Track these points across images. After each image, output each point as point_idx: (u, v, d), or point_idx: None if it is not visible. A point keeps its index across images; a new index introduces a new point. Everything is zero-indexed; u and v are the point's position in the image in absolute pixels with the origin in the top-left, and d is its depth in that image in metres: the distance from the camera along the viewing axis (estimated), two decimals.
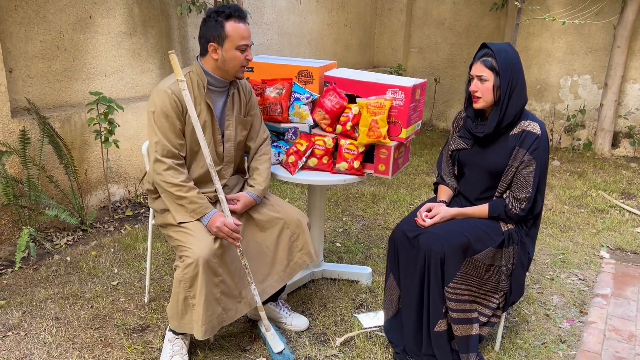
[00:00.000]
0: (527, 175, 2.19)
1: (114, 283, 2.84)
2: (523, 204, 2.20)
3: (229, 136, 2.30)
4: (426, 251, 2.14)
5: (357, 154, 2.53)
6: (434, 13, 6.78)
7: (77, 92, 3.56)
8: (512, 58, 2.18)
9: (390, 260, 2.33)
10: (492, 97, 2.20)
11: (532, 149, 2.17)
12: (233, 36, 2.10)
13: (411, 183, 4.71)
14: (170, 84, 2.15)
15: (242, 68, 2.20)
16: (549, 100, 6.21)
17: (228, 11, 2.10)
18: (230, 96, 2.29)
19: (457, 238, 2.14)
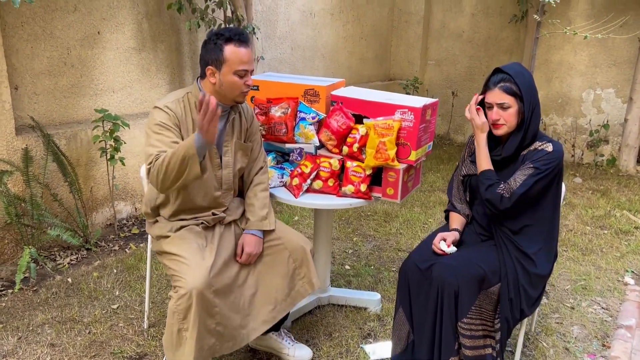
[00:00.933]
0: (518, 176, 2.06)
1: (114, 307, 2.76)
2: (506, 194, 2.05)
3: (227, 162, 2.21)
4: (439, 283, 2.01)
5: (364, 176, 2.41)
6: (451, 25, 6.65)
7: (84, 108, 3.52)
8: (529, 79, 2.07)
9: (400, 293, 2.21)
10: (516, 122, 2.08)
11: (537, 161, 2.06)
12: (232, 60, 2.02)
13: (426, 201, 4.57)
14: (167, 101, 2.08)
15: (242, 94, 2.10)
16: (570, 114, 6.01)
17: (228, 34, 2.02)
18: (230, 121, 2.20)
19: (472, 270, 2.01)
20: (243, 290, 2.12)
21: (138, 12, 3.73)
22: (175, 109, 2.06)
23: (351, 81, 6.25)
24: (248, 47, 2.06)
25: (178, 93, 2.14)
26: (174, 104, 2.07)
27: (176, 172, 1.90)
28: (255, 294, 2.16)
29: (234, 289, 2.09)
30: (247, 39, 2.06)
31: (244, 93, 2.11)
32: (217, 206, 2.21)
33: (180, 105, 2.09)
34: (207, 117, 1.82)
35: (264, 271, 2.19)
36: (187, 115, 2.09)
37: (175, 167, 1.88)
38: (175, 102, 2.08)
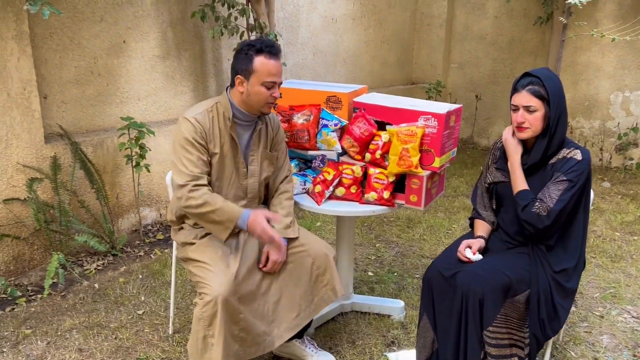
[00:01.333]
0: (554, 190, 2.01)
1: (140, 312, 2.80)
2: (543, 213, 2.00)
3: (253, 171, 2.23)
4: (464, 291, 1.99)
5: (387, 183, 2.40)
6: (474, 28, 6.58)
7: (111, 116, 3.58)
8: (558, 84, 2.04)
9: (424, 300, 2.19)
10: (542, 127, 2.05)
11: (568, 171, 2.01)
12: (260, 71, 2.04)
13: (449, 206, 4.52)
14: (195, 113, 2.10)
15: (268, 105, 2.12)
16: (598, 117, 5.89)
17: (260, 45, 2.04)
18: (257, 131, 2.22)
19: (498, 277, 1.97)
20: (267, 297, 2.13)
21: (162, 20, 3.78)
22: (203, 121, 2.08)
23: (373, 85, 6.23)
24: (278, 59, 2.08)
25: (207, 103, 2.16)
26: (201, 116, 2.09)
27: (205, 222, 2.07)
28: (279, 300, 2.16)
29: (258, 296, 2.10)
30: (277, 52, 2.07)
31: (269, 104, 2.12)
32: None
33: (209, 117, 2.11)
34: (270, 245, 2.06)
35: (287, 278, 2.19)
36: (214, 127, 2.11)
37: (208, 220, 2.04)
38: (203, 113, 2.10)
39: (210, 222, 2.06)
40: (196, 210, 2.03)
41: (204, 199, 2.02)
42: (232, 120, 2.13)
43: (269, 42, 2.06)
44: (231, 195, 2.19)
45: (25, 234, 3.08)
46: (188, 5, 3.92)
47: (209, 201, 2.02)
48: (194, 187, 2.03)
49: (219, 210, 2.02)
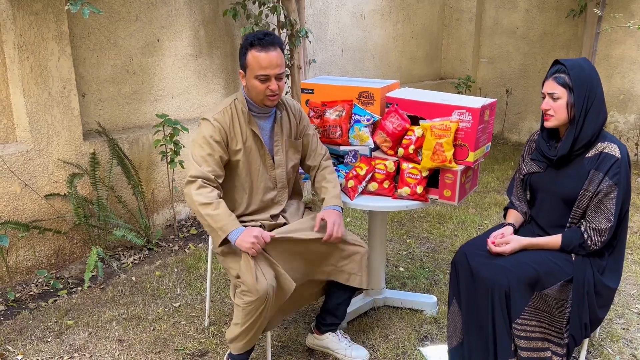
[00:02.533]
0: (609, 203, 1.98)
1: (176, 305, 2.86)
2: (605, 235, 2.00)
3: (279, 162, 2.27)
4: (490, 285, 1.99)
5: (420, 178, 2.40)
6: (504, 22, 6.49)
7: (145, 114, 3.66)
8: (587, 74, 2.00)
9: (452, 284, 2.19)
10: (566, 116, 2.03)
11: (612, 173, 1.97)
12: (252, 65, 2.07)
13: (480, 202, 4.48)
14: (214, 113, 2.14)
15: (268, 97, 2.12)
16: (633, 111, 5.75)
17: (252, 39, 2.06)
18: (277, 120, 2.25)
19: (525, 271, 1.97)
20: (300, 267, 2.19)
21: (195, 19, 3.85)
22: (222, 120, 2.12)
23: (402, 81, 6.21)
24: (271, 50, 2.05)
25: (226, 101, 2.20)
26: (221, 115, 2.13)
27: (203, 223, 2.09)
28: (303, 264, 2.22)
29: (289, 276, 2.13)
30: (269, 43, 2.05)
31: (269, 97, 2.12)
32: (273, 206, 2.26)
33: (228, 114, 2.15)
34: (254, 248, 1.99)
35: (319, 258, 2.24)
36: (234, 123, 2.15)
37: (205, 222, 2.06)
38: (222, 112, 2.14)
39: (206, 225, 2.08)
40: (198, 208, 2.03)
41: (210, 199, 2.03)
42: (249, 114, 2.17)
43: (259, 35, 2.06)
44: (262, 187, 2.23)
45: (65, 228, 3.18)
46: (220, 4, 3.98)
47: (213, 203, 2.03)
48: (203, 184, 2.06)
49: (217, 216, 2.02)
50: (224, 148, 2.13)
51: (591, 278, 2.01)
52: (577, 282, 1.99)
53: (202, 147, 2.10)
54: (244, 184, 2.20)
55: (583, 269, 2.01)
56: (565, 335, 2.04)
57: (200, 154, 2.10)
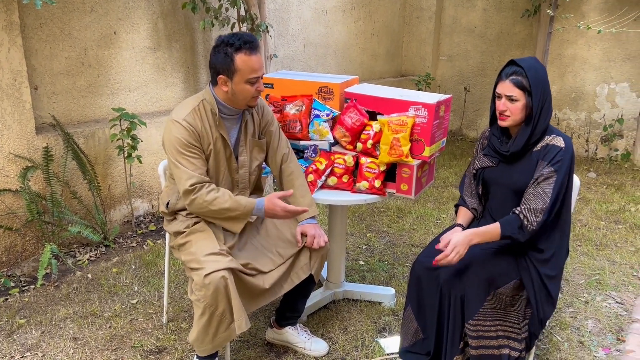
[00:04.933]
0: (546, 187, 2.05)
1: (133, 302, 2.82)
2: (539, 216, 2.04)
3: (243, 162, 2.26)
4: (445, 289, 2.05)
5: (378, 172, 2.44)
6: (463, 21, 6.63)
7: (102, 107, 3.58)
8: (542, 75, 2.07)
9: (410, 291, 2.24)
10: (522, 116, 2.09)
11: (554, 161, 2.05)
12: (243, 70, 2.03)
13: (439, 196, 4.58)
14: (184, 114, 2.09)
15: (254, 98, 2.13)
16: (584, 109, 5.98)
17: (238, 43, 2.01)
18: (244, 122, 2.24)
19: (479, 273, 2.03)
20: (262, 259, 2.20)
21: (153, 12, 3.78)
22: (193, 123, 2.09)
23: (363, 78, 6.27)
24: (258, 53, 2.06)
25: (192, 101, 2.15)
26: (191, 117, 2.09)
27: (220, 220, 2.11)
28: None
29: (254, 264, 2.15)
30: (257, 46, 2.05)
31: (255, 98, 2.13)
32: None
33: (198, 115, 2.11)
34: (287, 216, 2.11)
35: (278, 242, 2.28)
36: (204, 125, 2.12)
37: (223, 217, 2.08)
38: (192, 113, 2.10)
39: (225, 219, 2.09)
40: (209, 208, 2.06)
41: (213, 196, 2.05)
42: (219, 117, 2.14)
43: (247, 38, 2.03)
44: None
45: (17, 225, 3.09)
46: None
47: (219, 197, 2.05)
48: (202, 188, 2.05)
49: (232, 206, 2.06)
50: (200, 147, 2.11)
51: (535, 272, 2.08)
52: (526, 281, 2.07)
53: (184, 153, 2.06)
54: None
55: (527, 268, 2.09)
56: (523, 330, 2.11)
57: (184, 158, 2.06)
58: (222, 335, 2.02)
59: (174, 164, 2.08)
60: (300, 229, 2.28)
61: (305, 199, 2.33)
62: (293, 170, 2.37)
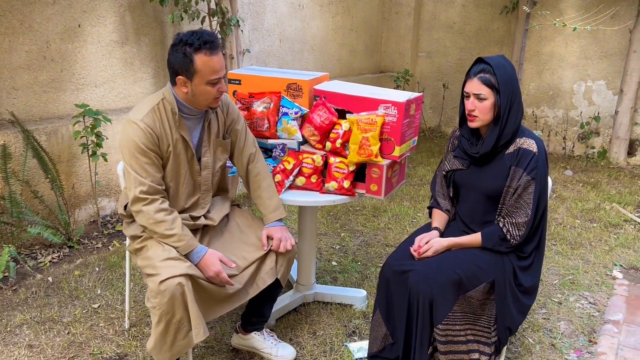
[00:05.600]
0: (527, 197, 2.02)
1: (95, 306, 2.71)
2: (522, 229, 2.03)
3: (206, 163, 2.16)
4: (413, 292, 1.99)
5: (347, 173, 2.37)
6: (442, 17, 6.58)
7: (65, 103, 3.45)
8: (510, 73, 2.02)
9: (379, 296, 2.18)
10: (491, 116, 2.04)
11: (529, 168, 2.01)
12: (204, 71, 1.93)
13: (415, 195, 4.53)
14: (142, 115, 1.98)
15: (216, 99, 2.03)
16: (561, 106, 5.98)
17: (198, 43, 1.89)
18: (207, 121, 2.14)
19: (448, 276, 1.97)
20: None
21: (120, 4, 3.65)
22: (151, 124, 1.98)
23: (341, 74, 6.19)
24: (219, 52, 1.95)
25: (152, 100, 2.04)
26: (149, 117, 1.98)
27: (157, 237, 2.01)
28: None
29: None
30: (217, 45, 1.94)
31: (217, 99, 2.03)
32: (195, 209, 2.17)
33: (156, 115, 2.01)
34: (215, 280, 2.00)
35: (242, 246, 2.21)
36: (164, 126, 2.01)
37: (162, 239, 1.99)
38: (150, 113, 1.99)
39: (162, 238, 2.00)
40: (153, 228, 1.98)
41: (161, 218, 1.96)
42: (179, 118, 2.03)
43: (207, 37, 1.92)
44: (185, 193, 2.12)
45: None
46: None
47: (166, 223, 1.97)
48: (153, 203, 1.97)
49: (175, 238, 1.97)
50: (158, 151, 2.01)
51: (511, 278, 2.03)
52: (498, 284, 2.01)
53: (138, 157, 1.96)
54: (167, 189, 2.08)
55: (502, 270, 2.04)
56: (493, 334, 2.06)
57: (138, 164, 1.96)
58: (180, 343, 1.93)
59: (127, 168, 1.98)
60: (266, 231, 2.20)
61: (273, 201, 2.25)
62: (260, 171, 2.28)
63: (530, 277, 2.11)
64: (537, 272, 2.15)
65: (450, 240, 2.10)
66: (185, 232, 2.01)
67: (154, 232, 1.99)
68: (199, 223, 2.15)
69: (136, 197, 1.97)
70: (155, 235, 2.00)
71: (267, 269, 2.19)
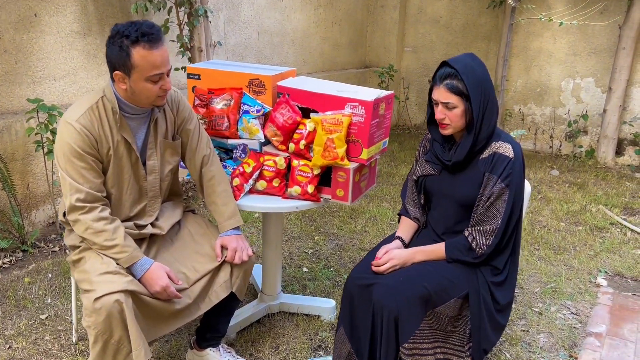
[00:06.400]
0: (499, 206, 1.85)
1: (43, 317, 2.52)
2: (490, 238, 1.86)
3: (152, 167, 1.96)
4: (377, 307, 1.81)
5: (311, 176, 2.19)
6: (429, 10, 6.40)
7: (20, 97, 3.23)
8: (479, 75, 1.83)
9: (343, 311, 2.00)
10: (463, 123, 1.87)
11: (504, 175, 1.84)
12: (142, 67, 1.72)
13: (395, 195, 4.36)
14: (78, 115, 1.78)
15: (160, 98, 1.82)
16: (549, 104, 5.83)
17: (135, 35, 1.69)
18: (153, 121, 1.94)
19: (415, 290, 1.80)
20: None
21: None
22: (88, 125, 1.79)
23: (324, 68, 6.00)
24: (160, 46, 1.74)
25: (90, 98, 1.84)
26: (86, 118, 1.79)
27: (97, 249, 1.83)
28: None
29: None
30: (158, 38, 1.73)
31: (161, 97, 1.83)
32: (142, 217, 1.98)
33: (95, 115, 1.81)
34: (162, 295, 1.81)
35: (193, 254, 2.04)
36: (103, 127, 1.82)
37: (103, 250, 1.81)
38: (87, 113, 1.80)
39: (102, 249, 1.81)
40: (92, 239, 1.80)
41: (101, 227, 1.78)
42: (120, 117, 1.84)
43: (145, 29, 1.71)
44: (129, 200, 1.93)
45: None
46: None
47: (107, 232, 1.79)
48: (92, 211, 1.79)
49: (117, 247, 1.79)
50: (96, 154, 1.82)
51: (487, 293, 1.87)
52: (472, 299, 1.85)
53: (74, 161, 1.77)
54: (109, 196, 1.90)
55: (476, 284, 1.87)
56: (466, 353, 1.90)
57: (74, 169, 1.77)
58: None
59: (62, 173, 1.79)
60: (221, 241, 2.02)
61: (228, 208, 2.07)
62: (215, 175, 2.10)
63: (505, 293, 1.95)
64: (512, 288, 1.99)
65: (411, 252, 1.94)
66: (129, 242, 1.83)
67: (93, 242, 1.81)
68: (144, 232, 1.96)
69: (72, 205, 1.78)
70: (95, 246, 1.82)
71: (220, 282, 2.01)
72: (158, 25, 1.78)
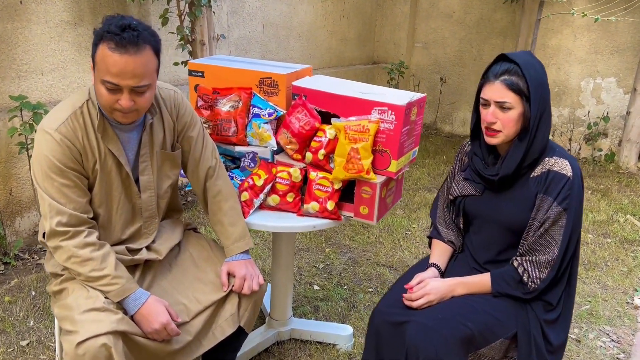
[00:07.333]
0: (555, 233, 1.57)
1: (23, 344, 2.24)
2: (545, 271, 1.59)
3: (146, 184, 1.67)
4: (411, 349, 1.53)
5: (331, 191, 1.90)
6: (441, 4, 6.10)
7: (3, 94, 2.93)
8: (541, 75, 1.57)
9: (368, 347, 1.72)
10: (517, 130, 1.58)
11: (561, 197, 1.56)
12: (99, 65, 1.44)
13: (409, 202, 4.08)
14: (59, 123, 1.50)
15: (115, 111, 1.49)
16: (567, 104, 5.55)
17: (106, 29, 1.42)
18: (147, 128, 1.64)
19: (456, 330, 1.52)
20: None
21: None
22: (71, 135, 1.50)
23: (331, 64, 5.70)
24: (130, 52, 1.41)
25: (74, 102, 1.55)
26: (68, 126, 1.50)
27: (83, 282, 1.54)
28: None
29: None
30: (127, 42, 1.40)
31: (118, 112, 1.49)
32: (137, 240, 1.69)
33: (79, 122, 1.52)
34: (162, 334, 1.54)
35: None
36: (88, 136, 1.53)
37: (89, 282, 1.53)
38: (70, 120, 1.51)
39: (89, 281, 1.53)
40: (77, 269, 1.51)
41: (87, 255, 1.50)
42: (102, 124, 1.54)
43: (117, 29, 1.41)
44: (120, 221, 1.64)
45: None
46: None
47: (94, 261, 1.50)
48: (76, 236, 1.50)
49: (107, 277, 1.51)
50: (80, 169, 1.53)
51: (538, 333, 1.59)
52: (521, 341, 1.57)
53: (54, 178, 1.48)
54: (96, 217, 1.61)
55: (526, 323, 1.59)
56: None
57: (54, 187, 1.49)
58: None
59: (40, 192, 1.50)
60: (227, 267, 1.74)
61: (236, 228, 1.78)
62: (221, 189, 1.81)
63: (558, 332, 1.67)
64: (567, 326, 1.71)
65: (450, 284, 1.65)
66: (120, 272, 1.54)
67: (78, 273, 1.52)
68: (138, 258, 1.67)
69: (53, 230, 1.49)
70: (80, 277, 1.53)
71: (227, 315, 1.72)
72: (147, 31, 1.46)
